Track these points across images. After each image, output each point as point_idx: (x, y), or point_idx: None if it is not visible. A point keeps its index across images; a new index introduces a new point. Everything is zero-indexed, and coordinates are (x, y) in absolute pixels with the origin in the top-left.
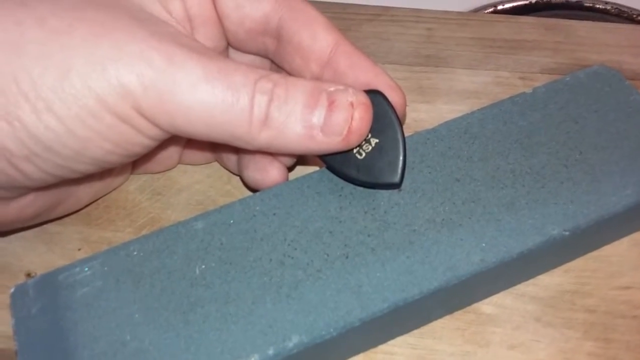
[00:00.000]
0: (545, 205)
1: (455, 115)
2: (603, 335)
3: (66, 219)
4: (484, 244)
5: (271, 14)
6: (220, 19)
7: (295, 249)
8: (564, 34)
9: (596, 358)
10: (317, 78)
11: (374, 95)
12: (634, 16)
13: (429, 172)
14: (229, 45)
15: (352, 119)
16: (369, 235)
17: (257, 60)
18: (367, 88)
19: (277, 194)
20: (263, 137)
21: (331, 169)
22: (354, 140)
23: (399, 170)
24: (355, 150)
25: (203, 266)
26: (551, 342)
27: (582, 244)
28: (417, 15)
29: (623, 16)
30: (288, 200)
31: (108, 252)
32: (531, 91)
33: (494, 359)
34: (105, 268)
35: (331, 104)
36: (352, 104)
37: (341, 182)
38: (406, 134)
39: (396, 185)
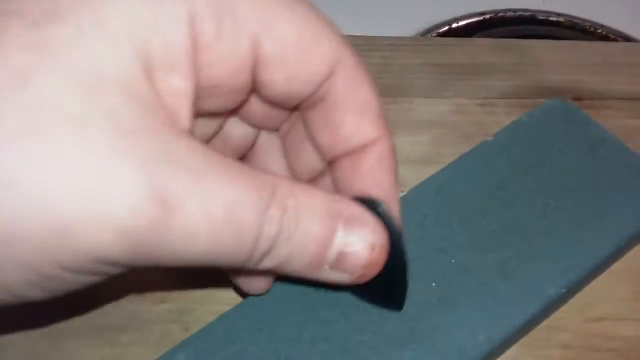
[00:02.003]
0: (536, 264)
1: (417, 148)
2: None
3: None
4: (486, 320)
5: (320, 87)
6: (248, 92)
7: None
8: (520, 55)
9: None
10: (333, 160)
11: (380, 209)
12: (587, 28)
13: (411, 246)
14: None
15: (367, 262)
16: (366, 333)
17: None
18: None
19: (258, 303)
20: (263, 265)
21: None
22: (364, 280)
23: (400, 299)
24: None
25: None
26: None
27: (574, 292)
28: (371, 43)
29: (577, 29)
30: (272, 308)
31: None
32: (492, 138)
33: None
34: None
35: (346, 246)
36: (371, 247)
37: None
38: None
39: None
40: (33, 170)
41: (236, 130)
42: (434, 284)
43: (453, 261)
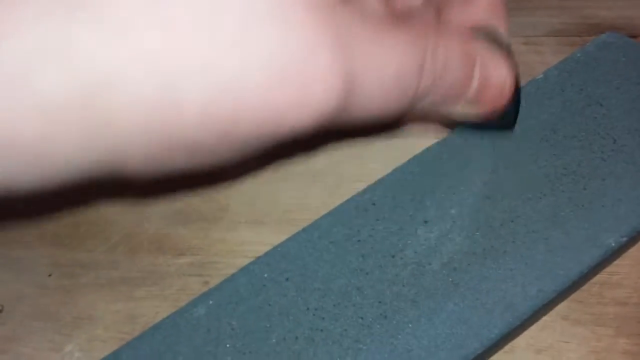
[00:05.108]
0: (593, 210)
1: None
2: (637, 330)
3: (32, 241)
4: (537, 271)
5: None
6: None
7: (323, 318)
8: None
9: (632, 357)
10: None
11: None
12: None
13: (454, 194)
14: None
15: (499, 97)
16: (404, 285)
17: None
18: None
19: (285, 253)
20: (417, 109)
21: None
22: (491, 116)
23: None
24: None
25: None
26: (582, 342)
27: (634, 242)
28: None
29: None
30: (299, 258)
31: None
32: (542, 76)
33: None
34: None
35: (484, 79)
36: (503, 84)
37: (356, 224)
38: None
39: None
40: (237, 49)
41: None
42: (477, 233)
43: (500, 209)
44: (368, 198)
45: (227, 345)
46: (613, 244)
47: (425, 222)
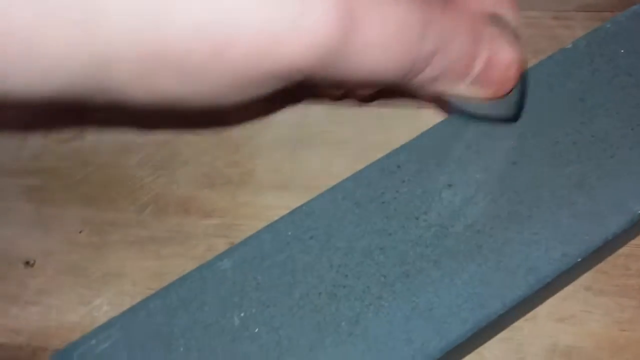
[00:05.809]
0: (620, 178)
1: None
2: None
3: (63, 201)
4: (562, 235)
5: None
6: None
7: (346, 275)
8: None
9: None
10: None
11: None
12: None
13: (479, 159)
14: None
15: (504, 77)
16: (427, 246)
17: None
18: None
19: (309, 212)
20: (417, 81)
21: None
22: (496, 95)
23: (519, 110)
24: None
25: (242, 314)
26: (605, 313)
27: None
28: None
29: None
30: (324, 217)
31: (125, 316)
32: (571, 45)
33: (542, 334)
34: (127, 335)
35: (490, 59)
36: (510, 63)
37: (380, 187)
38: None
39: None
40: None
41: None
42: (502, 198)
43: (526, 174)
44: (393, 161)
45: (252, 298)
46: (639, 211)
47: (450, 185)
